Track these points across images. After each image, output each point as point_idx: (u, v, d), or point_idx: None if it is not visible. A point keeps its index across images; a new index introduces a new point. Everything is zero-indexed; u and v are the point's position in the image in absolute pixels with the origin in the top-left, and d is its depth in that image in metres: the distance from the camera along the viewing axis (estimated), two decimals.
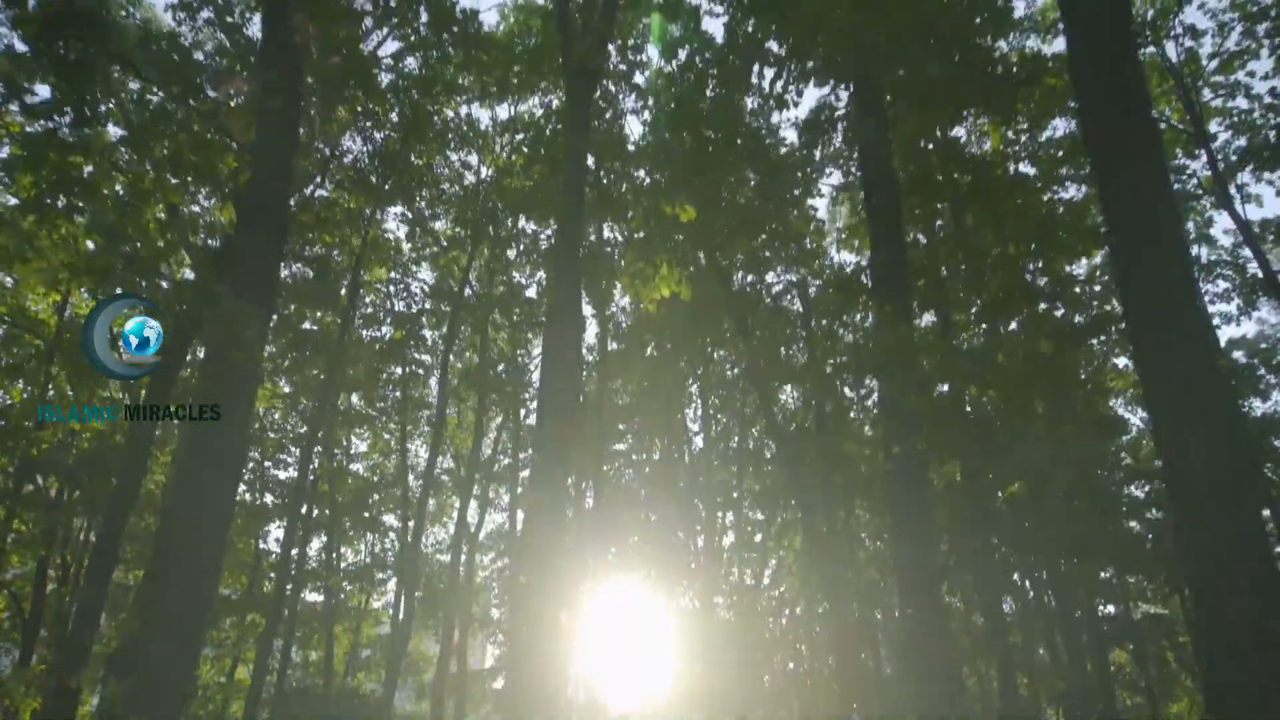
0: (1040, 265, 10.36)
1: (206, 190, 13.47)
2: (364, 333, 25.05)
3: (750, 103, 15.73)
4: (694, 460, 31.77)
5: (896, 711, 24.16)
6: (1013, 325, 10.72)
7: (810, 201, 18.50)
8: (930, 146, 11.26)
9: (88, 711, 19.32)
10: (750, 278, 24.32)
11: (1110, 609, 27.16)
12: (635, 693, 29.37)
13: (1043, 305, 10.14)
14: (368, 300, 25.74)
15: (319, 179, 19.57)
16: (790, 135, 41.59)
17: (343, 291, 21.40)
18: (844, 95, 12.98)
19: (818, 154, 15.15)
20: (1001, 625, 17.37)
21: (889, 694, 26.96)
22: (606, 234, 22.16)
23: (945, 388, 9.27)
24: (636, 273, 10.58)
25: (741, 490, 29.71)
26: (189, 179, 11.62)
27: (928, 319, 13.31)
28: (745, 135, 14.44)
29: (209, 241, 15.29)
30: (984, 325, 11.49)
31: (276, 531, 30.32)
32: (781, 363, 25.30)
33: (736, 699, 23.03)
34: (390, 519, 31.23)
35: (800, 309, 22.99)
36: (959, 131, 13.00)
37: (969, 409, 9.83)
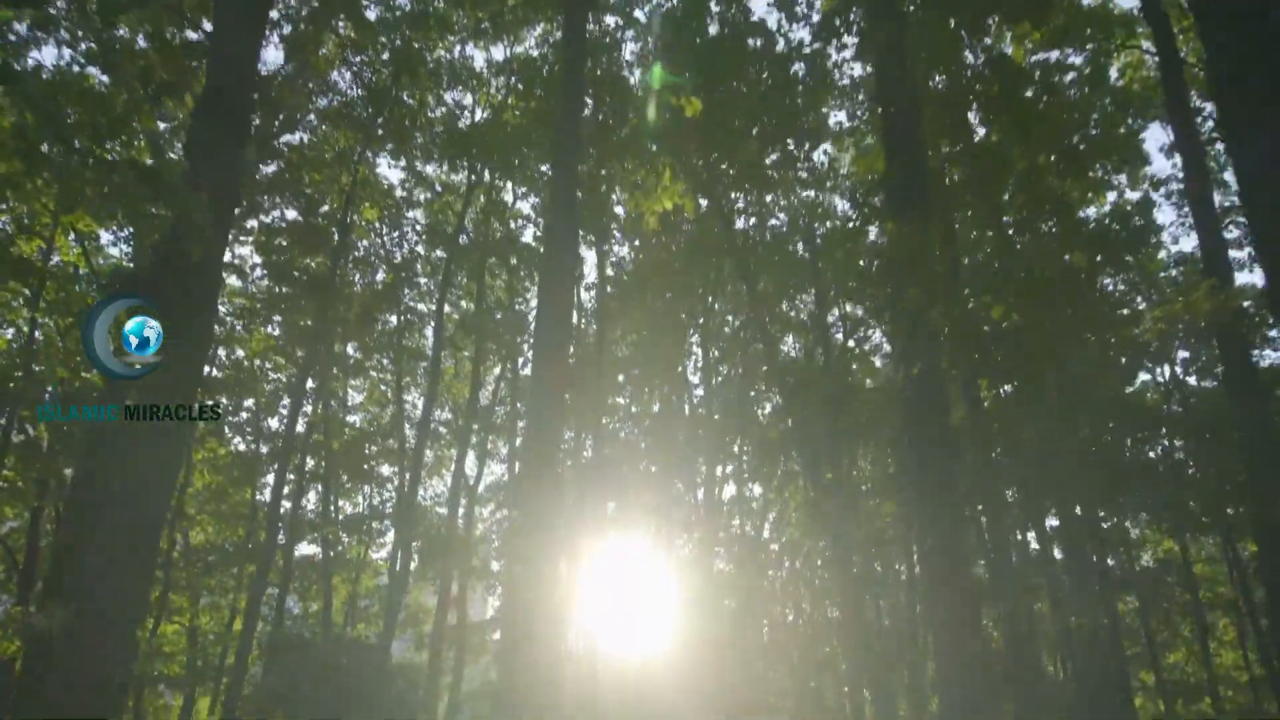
0: (1068, 182, 9.52)
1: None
2: (355, 275, 24.13)
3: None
4: (694, 410, 31.05)
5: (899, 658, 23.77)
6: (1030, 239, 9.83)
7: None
8: (952, 52, 10.34)
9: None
10: (753, 221, 23.47)
11: (1109, 561, 26.68)
12: (634, 642, 28.91)
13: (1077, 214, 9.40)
14: (361, 245, 24.86)
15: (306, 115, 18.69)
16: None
17: (334, 234, 20.52)
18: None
19: (832, 53, 14.15)
20: (1009, 569, 16.75)
21: (888, 646, 26.62)
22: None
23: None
24: (638, 183, 9.75)
25: (742, 443, 28.98)
26: (161, 97, 10.75)
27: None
28: (756, 33, 13.47)
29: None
30: (994, 238, 10.63)
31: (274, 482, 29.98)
32: (784, 316, 24.60)
33: (736, 649, 22.51)
34: (387, 470, 30.73)
35: (806, 254, 22.06)
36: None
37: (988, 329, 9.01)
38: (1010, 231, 10.23)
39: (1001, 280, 7.84)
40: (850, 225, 15.22)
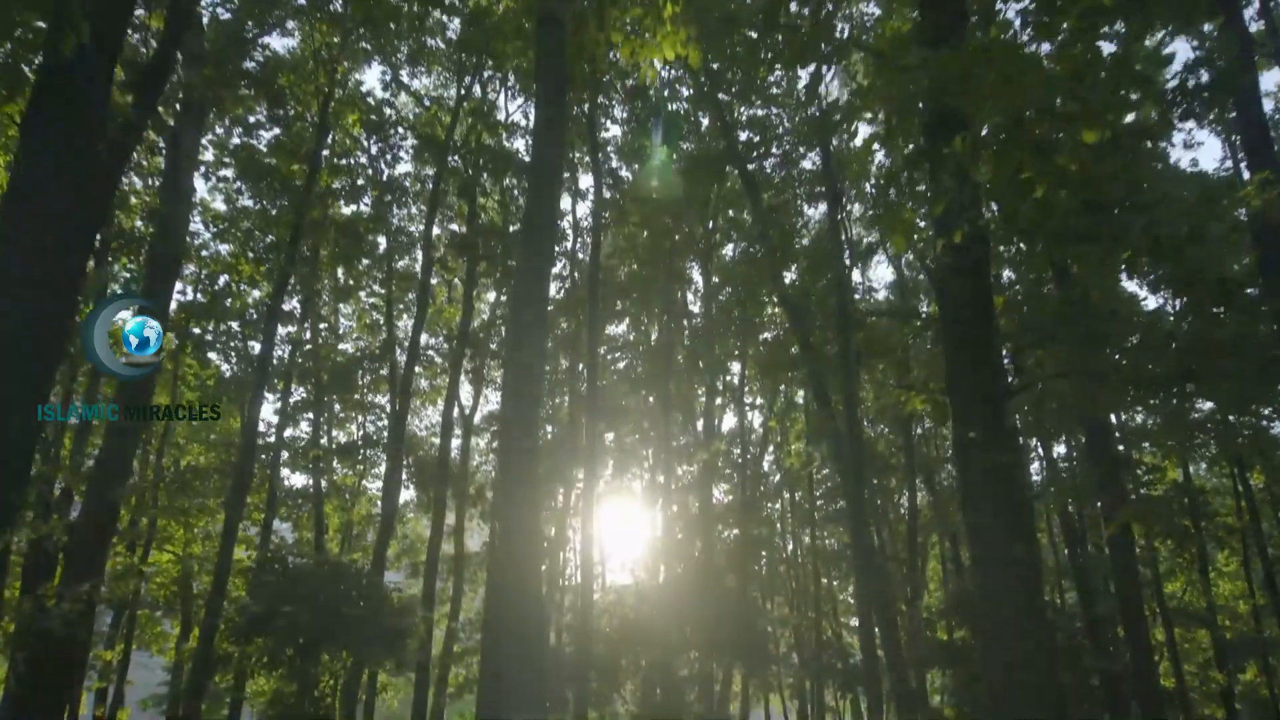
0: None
1: None
2: (337, 185, 22.60)
3: None
4: (694, 333, 29.76)
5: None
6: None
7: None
8: None
9: None
10: (758, 139, 21.93)
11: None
12: (633, 572, 28.14)
13: None
14: (345, 160, 23.34)
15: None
16: None
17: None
18: None
19: None
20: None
21: (892, 575, 25.83)
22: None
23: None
24: (633, 27, 8.36)
25: (743, 369, 27.75)
26: None
27: None
28: None
29: None
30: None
31: (267, 413, 28.93)
32: (790, 232, 23.15)
33: (735, 579, 21.61)
34: (380, 399, 29.66)
35: (820, 164, 20.49)
36: None
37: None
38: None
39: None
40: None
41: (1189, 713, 29.15)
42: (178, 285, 25.07)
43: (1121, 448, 20.43)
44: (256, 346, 24.70)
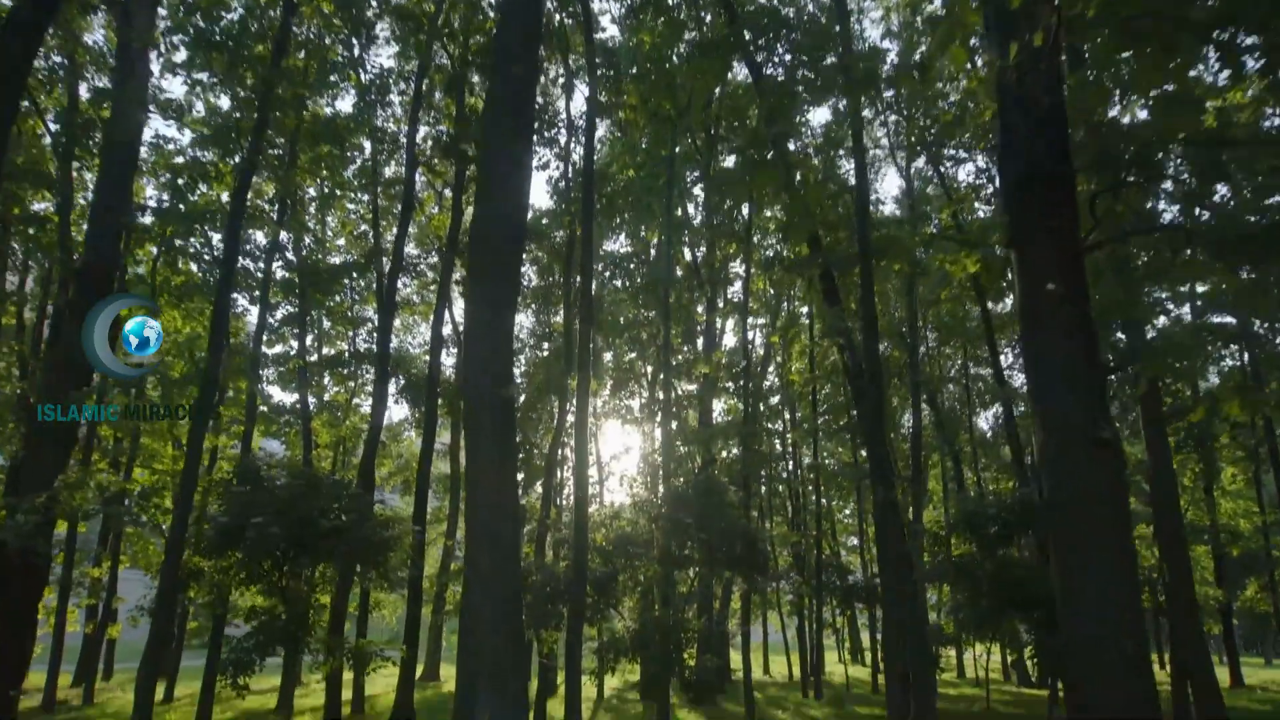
0: None
1: None
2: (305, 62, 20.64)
3: None
4: (695, 245, 28.10)
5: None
6: None
7: None
8: None
9: None
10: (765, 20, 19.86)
11: None
12: (630, 488, 27.00)
13: None
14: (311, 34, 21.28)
15: None
16: None
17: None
18: None
19: None
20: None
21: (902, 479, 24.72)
22: None
23: None
24: None
25: (747, 272, 26.12)
26: None
27: None
28: None
29: None
30: None
31: (249, 325, 27.42)
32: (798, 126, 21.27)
33: (738, 496, 20.38)
34: (369, 312, 28.22)
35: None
36: None
37: None
38: None
39: None
40: None
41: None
42: (149, 191, 23.57)
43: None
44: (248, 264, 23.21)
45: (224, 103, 20.40)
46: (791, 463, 33.69)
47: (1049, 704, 20.54)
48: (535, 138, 22.67)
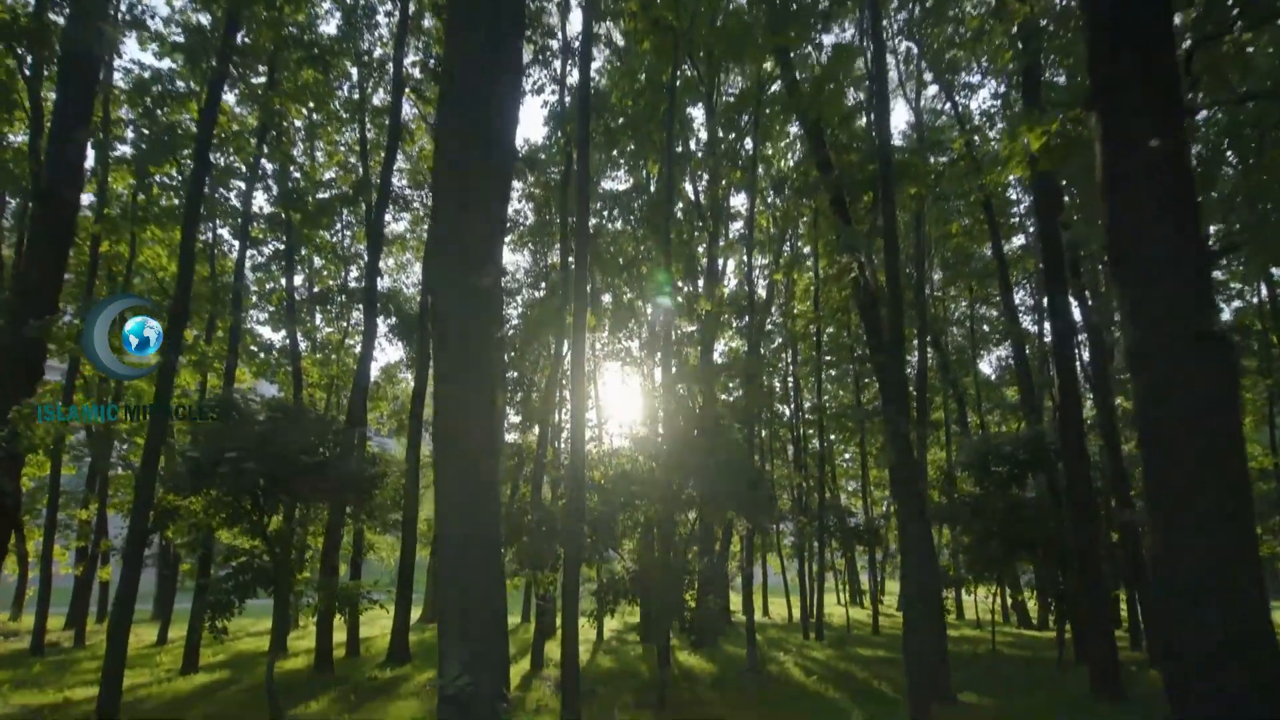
0: None
1: None
2: None
3: None
4: (696, 169, 26.71)
5: None
6: None
7: None
8: None
9: None
10: None
11: None
12: (629, 427, 26.06)
13: None
14: None
15: None
16: None
17: None
18: None
19: None
20: None
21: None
22: None
23: None
24: None
25: (752, 205, 24.80)
26: None
27: None
28: None
29: None
30: None
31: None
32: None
33: (743, 436, 19.37)
34: (361, 249, 26.97)
35: None
36: None
37: None
38: None
39: None
40: None
41: None
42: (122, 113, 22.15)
43: None
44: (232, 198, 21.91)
45: (199, 19, 19.04)
46: (793, 405, 32.76)
47: (1057, 646, 19.89)
48: (528, 55, 21.24)
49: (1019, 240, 29.53)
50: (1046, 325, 25.36)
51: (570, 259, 21.74)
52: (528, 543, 16.95)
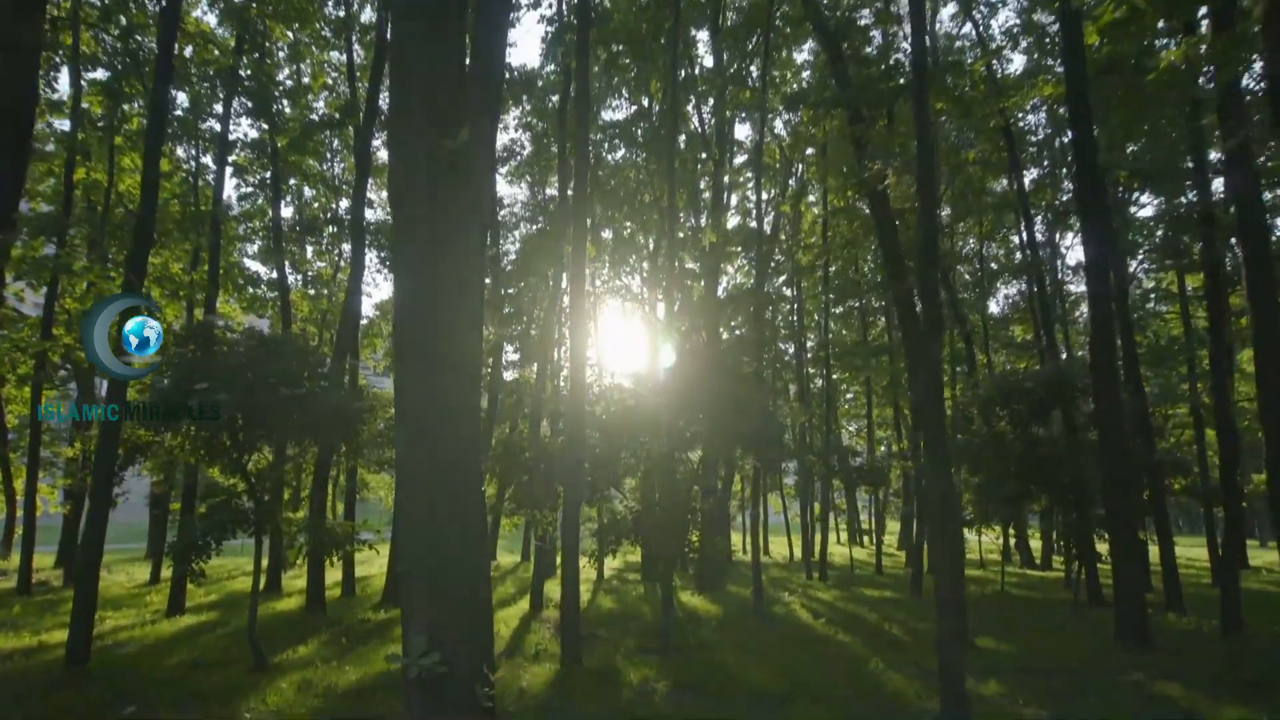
0: None
1: None
2: None
3: None
4: (701, 95, 25.16)
5: None
6: None
7: None
8: None
9: None
10: None
11: None
12: (631, 365, 24.99)
13: None
14: None
15: None
16: None
17: None
18: None
19: None
20: None
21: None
22: None
23: None
24: None
25: (761, 139, 23.29)
26: None
27: None
28: None
29: None
30: None
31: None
32: None
33: (750, 370, 18.20)
34: (352, 179, 25.50)
35: None
36: None
37: None
38: None
39: None
40: None
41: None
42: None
43: None
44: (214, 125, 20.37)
45: None
46: (796, 343, 31.62)
47: (1073, 588, 19.13)
48: None
49: (1029, 176, 28.09)
50: (1059, 263, 24.16)
51: (569, 189, 20.40)
52: (526, 482, 16.00)
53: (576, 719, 8.68)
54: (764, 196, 29.46)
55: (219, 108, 20.53)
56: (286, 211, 28.63)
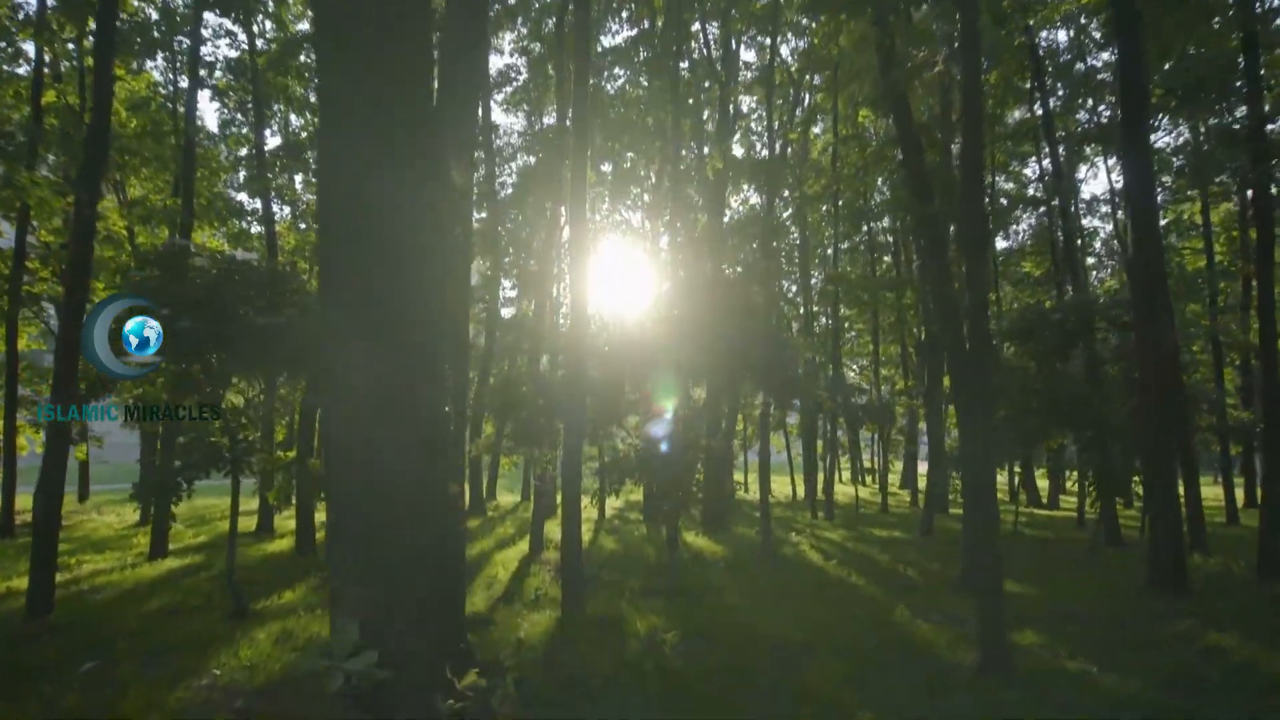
0: None
1: None
2: None
3: None
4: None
5: None
6: None
7: None
8: None
9: None
10: None
11: None
12: (632, 302, 23.79)
13: None
14: None
15: None
16: None
17: None
18: None
19: None
20: None
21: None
22: None
23: None
24: None
25: (773, 52, 21.64)
26: None
27: None
28: None
29: None
30: None
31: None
32: None
33: (760, 291, 16.94)
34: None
35: None
36: None
37: None
38: None
39: None
40: None
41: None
42: None
43: None
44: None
45: None
46: (799, 275, 30.30)
47: (1085, 525, 18.27)
48: None
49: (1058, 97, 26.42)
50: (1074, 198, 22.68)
51: (569, 116, 18.95)
52: (525, 418, 14.93)
53: (581, 676, 7.74)
54: (773, 117, 27.92)
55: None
56: (275, 141, 27.12)
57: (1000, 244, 35.30)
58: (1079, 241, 26.50)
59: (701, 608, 11.35)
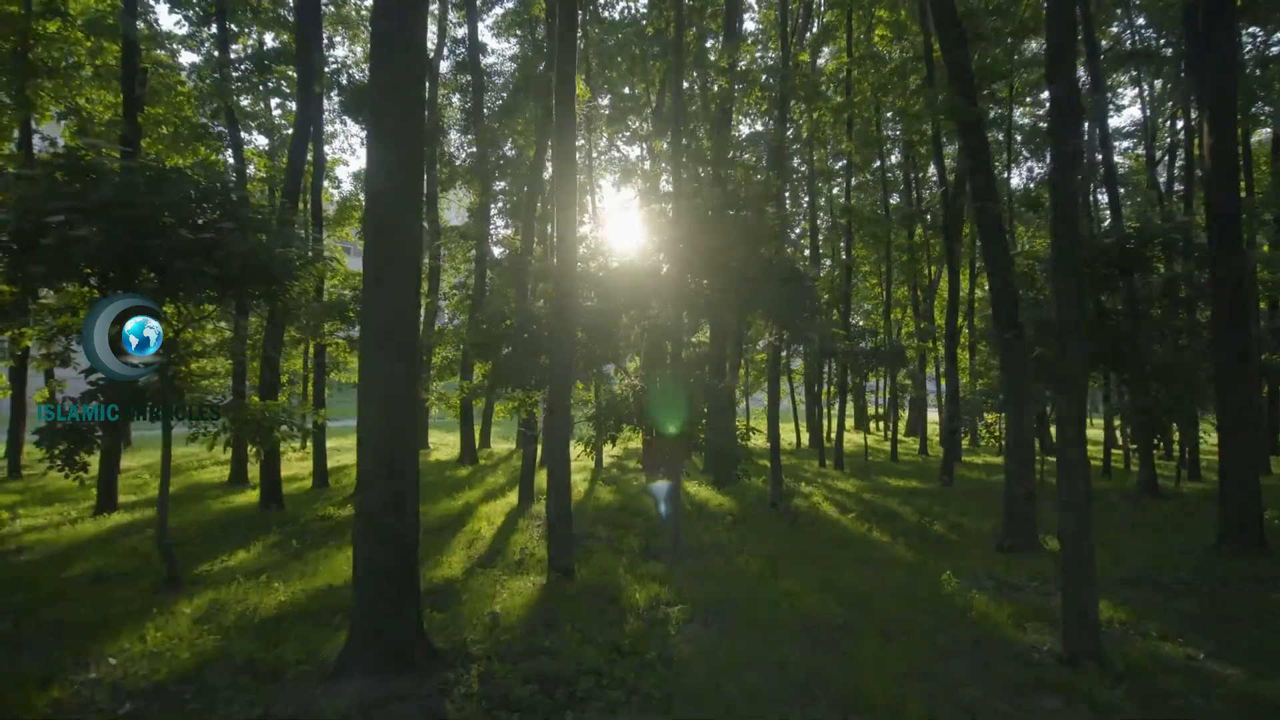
0: None
1: None
2: None
3: None
4: None
5: None
6: None
7: None
8: None
9: None
10: None
11: None
12: (630, 245, 21.68)
13: None
14: None
15: None
16: None
17: None
18: None
19: None
20: None
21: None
22: None
23: None
24: None
25: None
26: None
27: None
28: None
29: None
30: None
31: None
32: None
33: (774, 212, 14.89)
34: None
35: None
36: None
37: None
38: None
39: None
40: None
41: None
42: None
43: None
44: None
45: None
46: (807, 206, 28.12)
47: (1119, 475, 16.54)
48: None
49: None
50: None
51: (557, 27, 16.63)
52: (509, 354, 13.01)
53: (565, 672, 5.96)
54: (785, 23, 25.49)
55: None
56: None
57: (1014, 182, 33.08)
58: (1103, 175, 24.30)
59: (711, 572, 9.61)
